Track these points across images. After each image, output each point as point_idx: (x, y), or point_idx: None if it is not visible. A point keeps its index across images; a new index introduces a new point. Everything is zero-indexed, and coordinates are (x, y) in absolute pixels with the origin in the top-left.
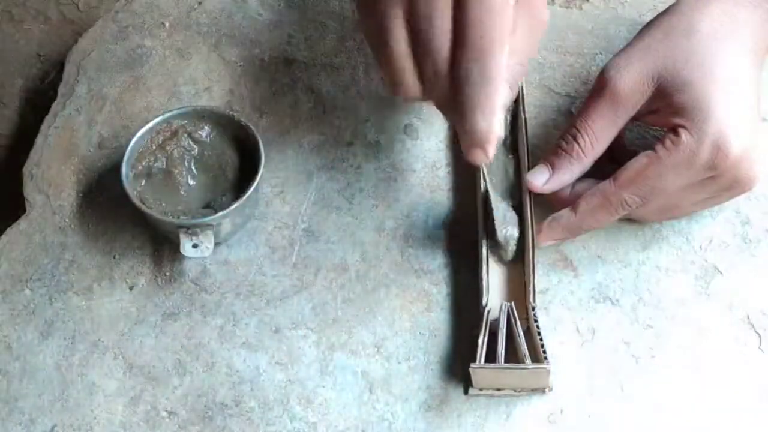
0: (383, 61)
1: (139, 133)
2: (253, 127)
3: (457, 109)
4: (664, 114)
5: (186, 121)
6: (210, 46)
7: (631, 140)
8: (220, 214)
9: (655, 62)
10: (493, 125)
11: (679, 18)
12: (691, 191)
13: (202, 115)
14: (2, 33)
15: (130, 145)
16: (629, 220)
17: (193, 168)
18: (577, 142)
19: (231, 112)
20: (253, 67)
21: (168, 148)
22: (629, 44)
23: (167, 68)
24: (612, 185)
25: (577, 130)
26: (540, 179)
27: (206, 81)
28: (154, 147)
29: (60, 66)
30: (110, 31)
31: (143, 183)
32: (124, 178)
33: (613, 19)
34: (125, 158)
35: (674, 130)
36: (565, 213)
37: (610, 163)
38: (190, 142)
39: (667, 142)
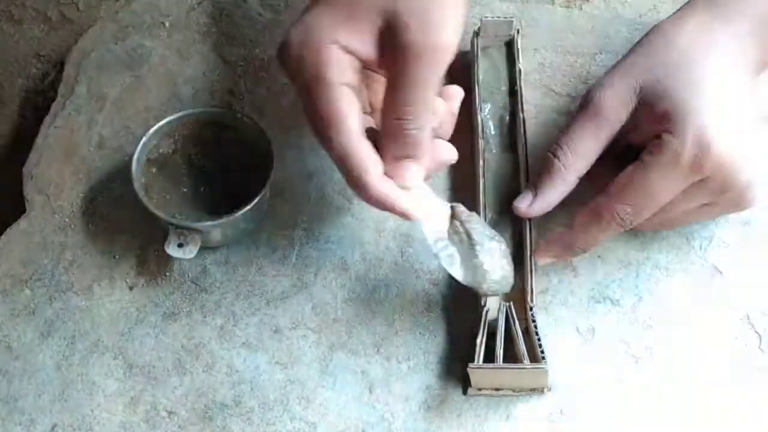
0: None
1: (164, 120)
2: (273, 150)
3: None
4: (648, 125)
5: (214, 121)
6: (210, 46)
7: None
8: (208, 223)
9: (637, 77)
10: (381, 190)
11: (657, 36)
12: (683, 198)
13: (232, 118)
14: (2, 33)
15: (152, 129)
16: None
17: (209, 169)
18: (558, 158)
19: (259, 126)
20: (253, 67)
21: (190, 143)
22: (612, 67)
23: (167, 68)
24: (602, 197)
25: (559, 146)
26: (524, 202)
27: (206, 81)
28: (177, 137)
29: (60, 66)
30: (110, 31)
31: (154, 171)
32: (135, 160)
33: (613, 19)
34: (142, 141)
35: (658, 136)
36: (560, 230)
37: None
38: (214, 143)
39: (652, 148)
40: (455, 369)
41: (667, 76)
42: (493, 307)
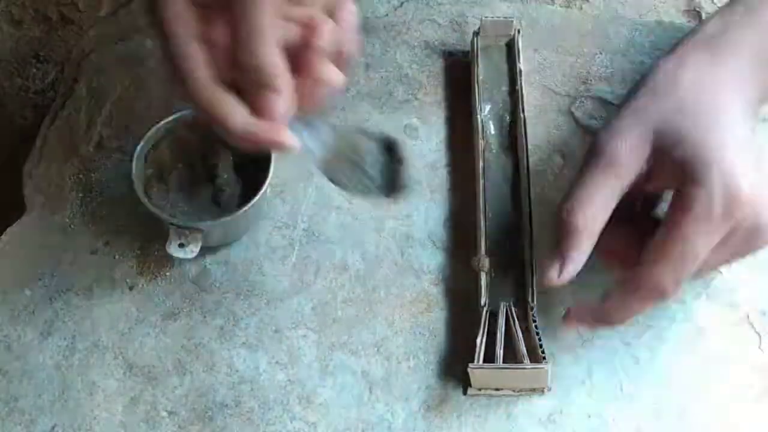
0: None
1: (164, 120)
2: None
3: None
4: (666, 174)
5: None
6: None
7: None
8: (209, 222)
9: (647, 122)
10: (269, 56)
11: (660, 76)
12: (717, 249)
13: None
14: (2, 33)
15: (152, 129)
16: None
17: (209, 168)
18: (578, 219)
19: None
20: None
21: (190, 143)
22: (618, 113)
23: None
24: (640, 269)
25: (576, 205)
26: (553, 272)
27: None
28: (176, 136)
29: (60, 66)
30: (110, 31)
31: (152, 171)
32: (135, 160)
33: (613, 19)
34: (142, 141)
35: (680, 190)
36: (593, 304)
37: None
38: (214, 142)
39: (679, 204)
40: (455, 369)
41: (678, 119)
42: (493, 306)
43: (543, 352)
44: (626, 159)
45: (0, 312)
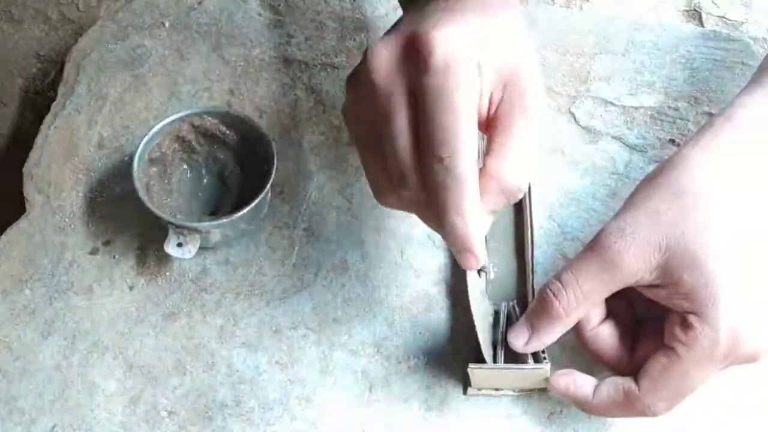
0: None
1: (165, 120)
2: (275, 151)
3: (434, 214)
4: (671, 293)
5: (217, 121)
6: (210, 46)
7: None
8: (208, 223)
9: (664, 232)
10: (471, 226)
11: (686, 175)
12: (710, 377)
13: (232, 118)
14: (2, 33)
15: (152, 129)
16: None
17: (211, 169)
18: (560, 302)
19: (260, 127)
20: (253, 67)
21: (190, 143)
22: (634, 204)
23: (167, 68)
24: (635, 389)
25: (562, 287)
26: (520, 340)
27: (206, 81)
28: (177, 136)
29: (60, 66)
30: (110, 31)
31: (154, 171)
32: (135, 160)
33: (613, 19)
34: (143, 141)
35: (686, 319)
36: (585, 388)
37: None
38: (217, 143)
39: (683, 337)
40: (455, 369)
41: (695, 238)
42: (493, 306)
43: (543, 351)
44: (629, 265)
45: (0, 312)
